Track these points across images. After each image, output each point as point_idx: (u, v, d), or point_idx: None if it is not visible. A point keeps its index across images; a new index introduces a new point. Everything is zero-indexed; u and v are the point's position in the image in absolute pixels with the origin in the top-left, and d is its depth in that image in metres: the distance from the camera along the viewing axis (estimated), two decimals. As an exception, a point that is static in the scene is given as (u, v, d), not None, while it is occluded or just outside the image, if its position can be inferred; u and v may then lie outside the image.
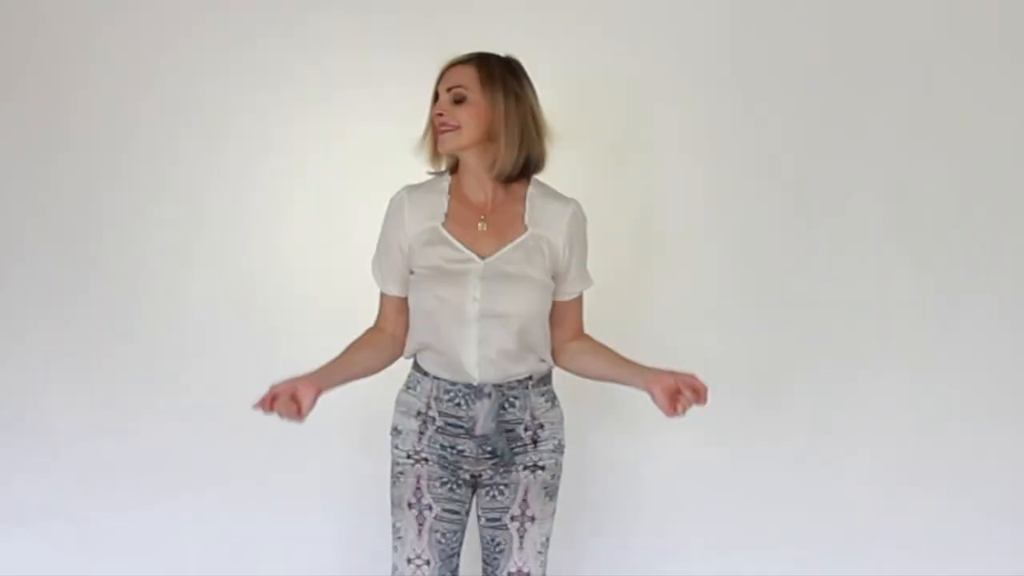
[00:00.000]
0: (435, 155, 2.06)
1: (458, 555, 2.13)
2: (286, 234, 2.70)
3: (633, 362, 2.03)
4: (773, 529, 2.73)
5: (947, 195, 2.64)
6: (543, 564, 2.12)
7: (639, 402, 2.71)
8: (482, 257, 1.99)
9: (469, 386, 2.01)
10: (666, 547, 2.77)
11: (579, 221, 2.07)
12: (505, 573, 2.09)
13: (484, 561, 2.15)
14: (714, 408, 2.69)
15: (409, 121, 2.17)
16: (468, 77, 1.97)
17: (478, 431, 2.02)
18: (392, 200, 2.07)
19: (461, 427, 2.02)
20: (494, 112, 1.97)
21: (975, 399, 2.68)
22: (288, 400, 1.91)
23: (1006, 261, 2.65)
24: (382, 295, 2.12)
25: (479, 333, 1.97)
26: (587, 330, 2.14)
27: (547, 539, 2.12)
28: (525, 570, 2.09)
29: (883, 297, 2.67)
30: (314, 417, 2.73)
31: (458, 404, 2.01)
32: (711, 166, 2.68)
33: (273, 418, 2.75)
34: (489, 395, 2.00)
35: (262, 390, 2.72)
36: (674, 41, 2.65)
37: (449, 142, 1.99)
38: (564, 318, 2.09)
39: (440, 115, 1.98)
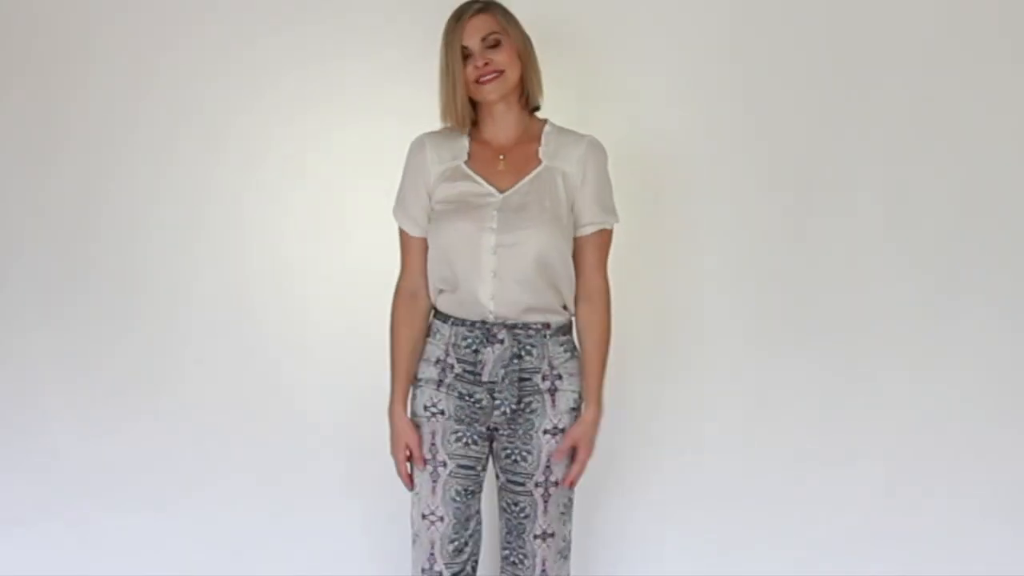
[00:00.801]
0: (465, 118, 2.08)
1: (474, 520, 2.14)
2: (286, 234, 2.69)
3: (590, 381, 2.12)
4: (773, 529, 2.73)
5: (947, 195, 2.64)
6: (565, 524, 2.16)
7: (638, 401, 2.72)
8: (500, 191, 2.04)
9: (484, 328, 2.04)
10: (665, 547, 2.77)
11: (595, 151, 2.12)
12: (531, 536, 2.12)
13: (506, 528, 2.16)
14: (715, 407, 2.71)
15: (409, 121, 2.18)
16: (493, 23, 2.05)
17: (485, 377, 2.04)
18: (413, 143, 2.14)
19: (473, 373, 2.05)
20: (520, 49, 2.07)
21: (975, 399, 2.67)
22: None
23: (1006, 261, 2.65)
24: (408, 242, 2.14)
25: (495, 264, 2.01)
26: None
27: (570, 500, 2.16)
28: (550, 531, 2.12)
29: (883, 297, 2.67)
30: (315, 417, 2.74)
31: (475, 351, 2.04)
32: (711, 166, 2.67)
33: (271, 418, 2.77)
34: (502, 341, 2.03)
35: (261, 390, 2.75)
36: (674, 42, 2.65)
37: (498, 88, 2.05)
38: (580, 255, 2.11)
39: (486, 64, 2.02)
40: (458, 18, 2.05)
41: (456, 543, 2.11)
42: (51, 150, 2.75)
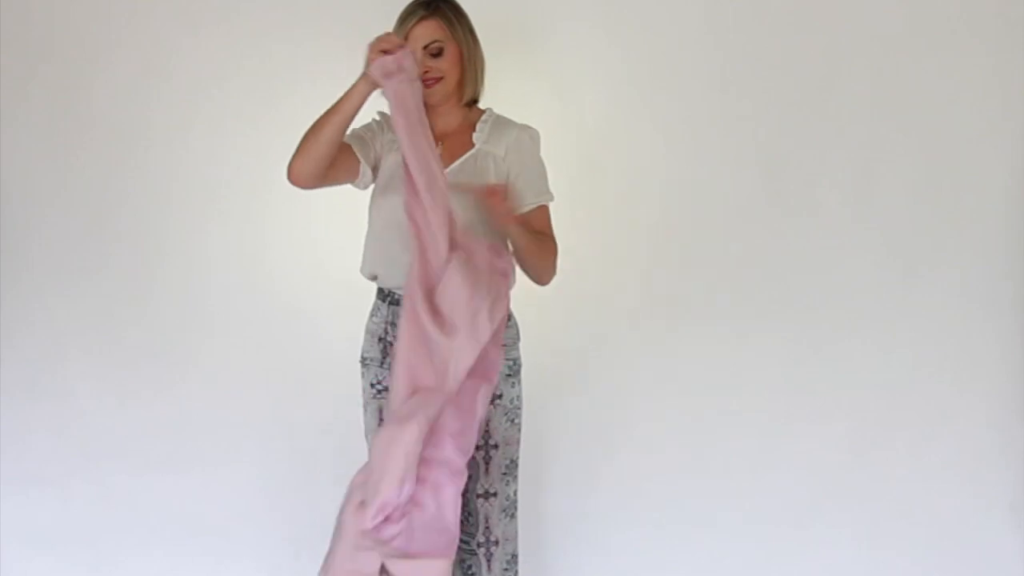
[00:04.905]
0: None
1: None
2: (302, 210, 2.66)
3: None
4: (742, 501, 2.82)
5: (909, 177, 2.73)
6: (509, 484, 2.20)
7: (612, 382, 2.79)
8: None
9: None
10: (635, 521, 2.85)
11: (526, 135, 2.20)
12: (474, 495, 2.16)
13: None
14: (690, 380, 2.77)
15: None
16: (437, 30, 2.12)
17: None
18: (370, 121, 2.23)
19: None
20: (463, 52, 2.15)
21: (936, 368, 2.76)
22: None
23: (963, 244, 2.74)
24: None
25: None
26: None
27: (512, 461, 2.21)
28: (492, 491, 2.17)
29: (850, 274, 2.75)
30: (335, 383, 2.60)
31: None
32: (684, 153, 2.76)
33: (288, 385, 2.80)
34: None
35: (276, 359, 2.78)
36: (651, 31, 2.71)
37: (439, 92, 2.13)
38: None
39: (426, 72, 2.10)
40: (403, 21, 2.13)
41: None
42: (74, 130, 2.82)
